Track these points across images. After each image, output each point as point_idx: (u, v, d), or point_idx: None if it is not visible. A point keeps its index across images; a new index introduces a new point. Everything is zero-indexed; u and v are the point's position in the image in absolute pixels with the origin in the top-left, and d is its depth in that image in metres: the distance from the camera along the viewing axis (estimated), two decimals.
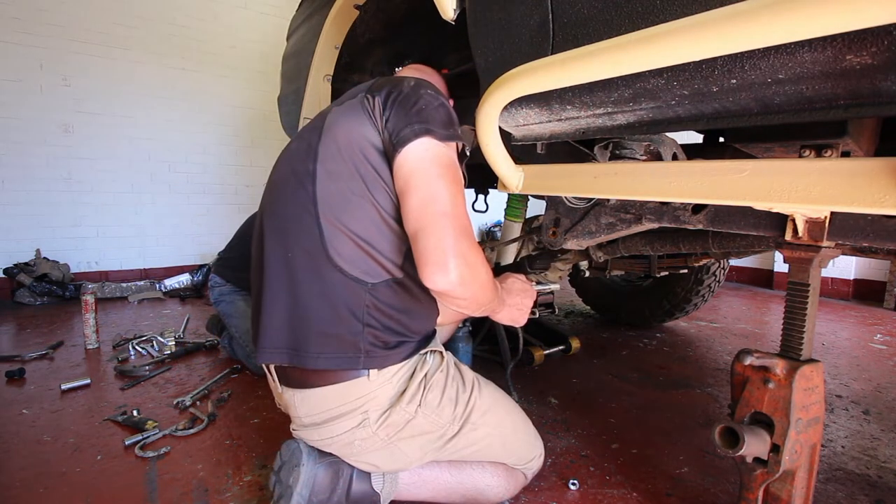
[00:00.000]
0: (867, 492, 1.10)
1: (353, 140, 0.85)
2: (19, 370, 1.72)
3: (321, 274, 0.83)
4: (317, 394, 0.87)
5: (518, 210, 1.66)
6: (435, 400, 0.89)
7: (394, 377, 0.88)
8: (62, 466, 1.15)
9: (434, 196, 0.78)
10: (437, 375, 0.91)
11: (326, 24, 1.57)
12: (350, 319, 0.83)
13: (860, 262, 3.38)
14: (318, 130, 0.89)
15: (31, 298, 2.90)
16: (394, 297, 0.86)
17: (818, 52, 0.50)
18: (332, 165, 0.85)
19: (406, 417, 0.87)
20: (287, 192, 0.90)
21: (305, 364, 0.85)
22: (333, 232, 0.83)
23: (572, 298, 2.97)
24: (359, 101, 0.87)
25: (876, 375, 1.86)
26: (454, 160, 0.84)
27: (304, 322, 0.85)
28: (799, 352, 0.81)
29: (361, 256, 0.83)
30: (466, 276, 0.76)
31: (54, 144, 3.17)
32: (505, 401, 1.02)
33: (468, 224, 0.80)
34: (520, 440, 1.01)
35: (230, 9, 3.77)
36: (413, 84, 0.87)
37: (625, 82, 0.67)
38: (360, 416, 0.86)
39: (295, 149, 0.93)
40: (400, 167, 0.81)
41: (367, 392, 0.86)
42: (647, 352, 2.09)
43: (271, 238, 0.90)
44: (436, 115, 0.83)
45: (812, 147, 0.66)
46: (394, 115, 0.83)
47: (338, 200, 0.84)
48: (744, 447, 0.75)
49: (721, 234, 1.18)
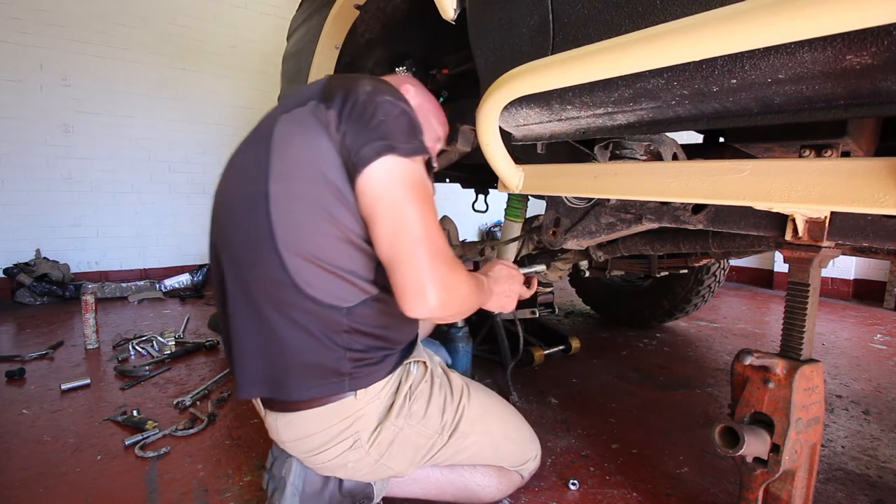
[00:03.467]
0: (867, 492, 1.10)
1: (309, 158, 0.76)
2: (19, 370, 1.72)
3: (292, 305, 0.78)
4: (301, 417, 0.83)
5: (518, 210, 1.66)
6: (420, 410, 0.87)
7: (381, 392, 0.85)
8: (62, 466, 1.15)
9: (403, 224, 0.72)
10: (422, 386, 0.89)
11: (326, 24, 1.57)
12: (330, 347, 0.79)
13: (860, 262, 3.38)
14: (265, 143, 0.80)
15: (31, 298, 2.90)
16: (373, 315, 0.82)
17: (818, 52, 0.50)
18: (287, 186, 0.77)
19: (394, 432, 0.85)
20: (239, 216, 0.82)
21: (289, 396, 0.82)
22: (298, 262, 0.76)
23: (572, 298, 2.97)
24: (310, 112, 0.78)
25: (876, 375, 1.86)
26: (421, 175, 0.77)
27: (281, 356, 0.80)
28: (799, 352, 0.81)
29: (333, 281, 0.77)
30: (446, 299, 0.73)
31: (54, 144, 3.17)
32: (497, 406, 1.01)
33: (441, 243, 0.75)
34: (512, 445, 1.00)
35: (230, 9, 3.77)
36: (369, 90, 0.78)
37: (625, 82, 0.67)
38: (350, 438, 0.84)
39: (241, 165, 0.85)
40: (363, 193, 0.74)
41: (355, 411, 0.83)
42: (647, 352, 2.09)
43: (230, 270, 0.83)
44: (396, 127, 0.76)
45: (812, 147, 0.66)
46: (351, 130, 0.75)
47: (298, 226, 0.76)
48: (744, 447, 0.75)
49: (721, 234, 1.18)
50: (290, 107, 0.81)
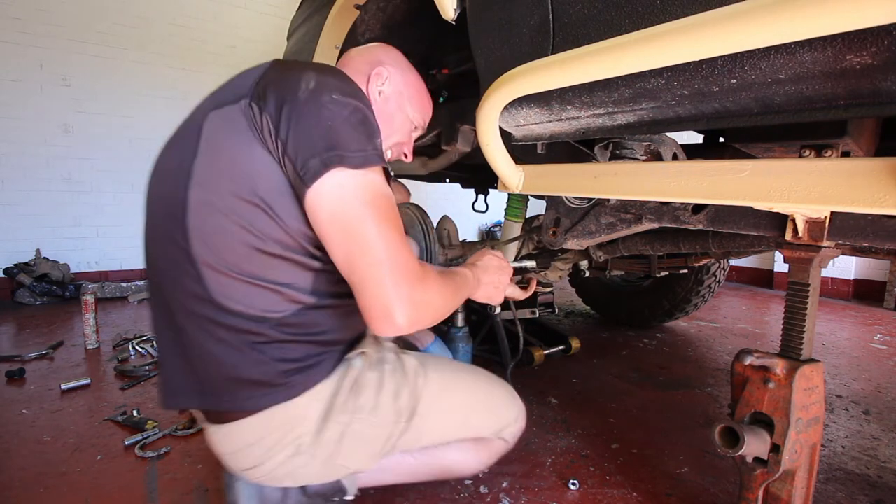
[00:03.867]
0: (867, 492, 1.10)
1: (239, 168, 0.68)
2: (19, 370, 1.72)
3: (213, 322, 0.71)
4: (237, 427, 0.76)
5: (518, 210, 1.65)
6: (369, 402, 0.80)
7: (320, 392, 0.78)
8: (62, 466, 1.15)
9: (361, 246, 0.65)
10: (369, 375, 0.82)
11: (326, 24, 1.57)
12: (259, 360, 0.72)
13: (860, 262, 3.38)
14: (191, 142, 0.71)
15: (31, 298, 2.90)
16: (308, 322, 0.75)
17: (818, 52, 0.50)
18: (209, 195, 0.69)
19: (340, 429, 0.78)
20: (157, 220, 0.75)
21: (219, 407, 0.76)
22: (217, 276, 0.69)
23: (572, 298, 2.97)
24: (241, 111, 0.68)
25: (876, 375, 1.86)
26: (377, 187, 0.68)
27: (206, 371, 0.74)
28: (799, 352, 0.81)
29: (261, 293, 0.71)
30: (415, 317, 0.67)
31: (54, 144, 3.17)
32: (461, 377, 0.94)
33: (404, 259, 0.67)
34: (484, 414, 0.94)
35: (230, 9, 3.77)
36: (313, 87, 0.68)
37: (625, 82, 0.67)
38: (292, 445, 0.77)
39: (164, 165, 0.76)
40: (313, 211, 0.67)
41: (293, 417, 0.76)
42: (647, 352, 2.09)
43: (153, 279, 0.78)
44: (345, 133, 0.67)
45: (812, 147, 0.66)
46: (293, 136, 0.66)
47: (217, 238, 0.69)
48: (744, 447, 0.75)
49: (721, 234, 1.18)
50: (221, 102, 0.72)
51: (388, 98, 0.93)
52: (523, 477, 1.12)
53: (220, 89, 0.76)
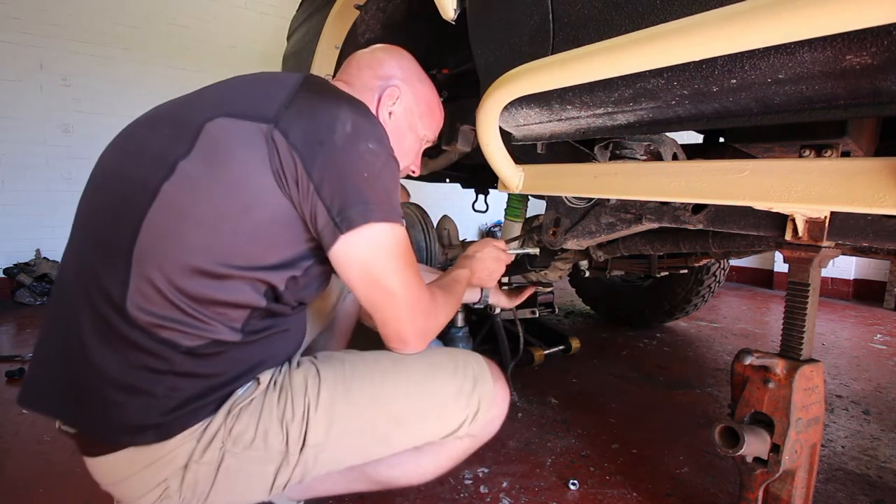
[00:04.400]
0: (867, 492, 1.10)
1: (239, 185, 0.63)
2: (19, 370, 1.72)
3: (117, 329, 0.62)
4: (102, 462, 0.67)
5: (518, 210, 1.65)
6: (248, 431, 0.67)
7: (196, 431, 0.67)
8: (62, 466, 1.15)
9: (386, 293, 0.69)
10: (249, 403, 0.69)
11: (327, 24, 1.58)
12: (149, 387, 0.63)
13: (860, 262, 3.38)
14: (187, 135, 0.65)
15: (31, 298, 2.90)
16: (219, 358, 0.67)
17: (818, 52, 0.50)
18: (188, 198, 0.63)
19: (210, 469, 0.67)
20: (106, 196, 0.67)
21: (79, 430, 0.67)
22: (143, 286, 0.62)
23: (572, 298, 2.97)
24: (262, 134, 0.63)
25: (876, 375, 1.86)
26: (402, 237, 0.71)
27: (87, 380, 0.64)
28: (799, 352, 0.81)
29: (182, 318, 0.63)
30: (427, 339, 0.77)
31: (54, 144, 3.17)
32: (377, 385, 0.75)
33: (421, 296, 0.73)
34: (420, 421, 0.77)
35: (230, 9, 3.77)
36: (350, 131, 0.66)
37: (625, 82, 0.67)
38: (158, 487, 0.66)
39: (139, 143, 0.69)
40: (342, 257, 0.67)
41: (161, 456, 0.65)
42: (647, 352, 2.09)
43: (70, 254, 0.69)
44: (381, 186, 0.68)
45: (812, 147, 0.66)
46: (329, 182, 0.64)
47: (169, 246, 0.62)
48: (744, 447, 0.75)
49: (721, 234, 1.18)
50: (237, 111, 0.66)
51: (398, 119, 0.89)
52: (523, 477, 1.12)
53: (234, 92, 0.70)
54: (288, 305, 0.74)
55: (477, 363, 0.85)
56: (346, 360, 0.78)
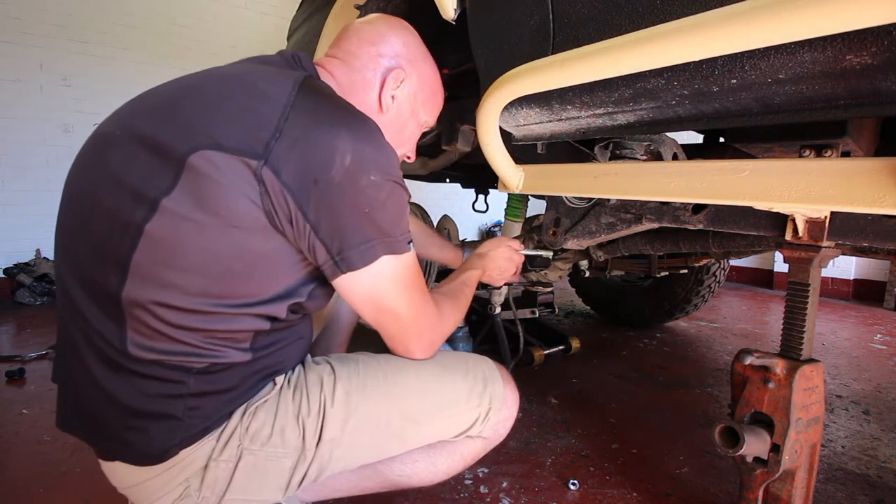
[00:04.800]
0: (867, 492, 1.10)
1: (228, 226, 0.58)
2: (19, 370, 1.72)
3: (122, 365, 0.61)
4: (119, 467, 0.68)
5: (518, 210, 1.65)
6: (265, 428, 0.68)
7: (214, 433, 0.67)
8: (62, 466, 1.15)
9: (393, 316, 0.70)
10: (264, 402, 0.69)
11: (327, 24, 1.57)
12: (165, 411, 0.63)
13: (860, 262, 3.38)
14: (169, 167, 0.58)
15: (31, 298, 2.90)
16: (233, 372, 0.66)
17: (818, 52, 0.50)
18: (175, 246, 0.58)
19: (229, 467, 0.66)
20: (88, 232, 0.63)
21: (108, 449, 0.67)
22: (138, 325, 0.60)
23: (572, 298, 2.97)
24: (251, 171, 0.57)
25: (876, 375, 1.86)
26: (409, 264, 0.69)
27: (102, 409, 0.64)
28: (799, 352, 0.81)
29: (182, 348, 0.62)
30: (433, 350, 0.79)
31: (54, 144, 3.17)
32: (391, 385, 0.75)
33: (427, 313, 0.74)
34: (433, 420, 0.77)
35: (230, 9, 3.77)
36: (348, 164, 0.60)
37: (625, 82, 0.67)
38: (180, 486, 0.67)
39: (114, 167, 0.62)
40: (347, 291, 0.67)
41: (181, 460, 0.66)
42: (647, 352, 2.09)
43: (61, 293, 0.66)
44: (384, 220, 0.64)
45: (812, 147, 0.67)
46: (326, 222, 0.60)
47: (162, 289, 0.59)
48: (744, 447, 0.75)
49: (721, 234, 1.18)
50: (224, 140, 0.58)
51: (401, 104, 0.83)
52: (523, 477, 1.12)
53: (219, 111, 0.61)
54: (298, 319, 0.74)
55: (487, 366, 0.85)
56: (359, 360, 0.78)
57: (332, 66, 0.80)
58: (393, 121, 0.83)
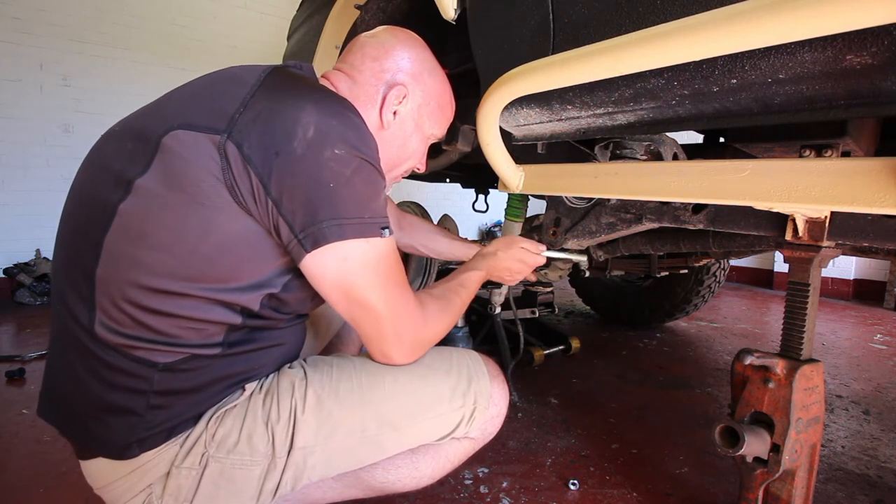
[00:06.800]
0: (867, 492, 1.10)
1: (196, 204, 0.58)
2: (19, 370, 1.72)
3: (91, 351, 0.62)
4: (94, 464, 0.67)
5: (518, 210, 1.65)
6: (232, 434, 0.65)
7: (179, 438, 0.66)
8: (62, 466, 1.15)
9: (365, 309, 0.65)
10: (233, 408, 0.68)
11: (327, 24, 1.57)
12: (127, 406, 0.62)
13: (860, 262, 3.38)
14: (145, 150, 0.60)
15: (31, 298, 2.90)
16: (200, 372, 0.65)
17: (818, 52, 0.50)
18: (144, 218, 0.59)
19: (193, 475, 0.64)
20: (75, 219, 0.65)
21: (77, 440, 0.67)
22: (107, 304, 0.60)
23: (572, 298, 2.97)
24: (215, 146, 0.58)
25: (876, 375, 1.86)
26: (379, 250, 0.65)
27: (74, 398, 0.65)
28: (799, 352, 0.81)
29: (151, 336, 0.61)
30: (416, 355, 0.74)
31: (54, 144, 3.17)
32: (365, 389, 0.72)
33: (407, 311, 0.69)
34: (408, 429, 0.74)
35: (230, 9, 3.77)
36: (311, 136, 0.59)
37: (625, 82, 0.67)
38: (142, 493, 0.66)
39: (104, 159, 0.65)
40: (313, 276, 0.64)
41: (143, 463, 0.64)
42: (647, 352, 2.09)
43: (54, 282, 0.68)
44: (349, 197, 0.61)
45: (812, 147, 0.66)
46: (288, 197, 0.58)
47: (131, 268, 0.59)
48: (744, 447, 0.75)
49: (721, 234, 1.18)
50: (192, 121, 0.60)
51: (404, 120, 0.82)
52: (523, 477, 1.12)
53: (196, 97, 0.64)
54: (278, 319, 0.70)
55: (472, 361, 0.82)
56: (333, 363, 0.75)
57: (337, 78, 0.80)
58: (395, 136, 0.83)
